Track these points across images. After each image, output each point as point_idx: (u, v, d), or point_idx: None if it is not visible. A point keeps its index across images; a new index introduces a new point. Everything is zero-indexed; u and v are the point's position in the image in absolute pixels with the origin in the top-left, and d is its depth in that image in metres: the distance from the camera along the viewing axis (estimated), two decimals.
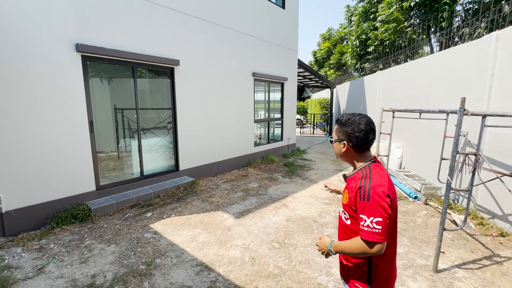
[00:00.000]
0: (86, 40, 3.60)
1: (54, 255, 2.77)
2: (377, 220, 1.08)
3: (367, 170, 1.21)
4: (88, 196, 3.81)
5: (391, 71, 7.03)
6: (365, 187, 1.13)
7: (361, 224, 1.11)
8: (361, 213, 1.12)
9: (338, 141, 1.29)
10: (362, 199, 1.13)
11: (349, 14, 15.60)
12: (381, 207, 1.09)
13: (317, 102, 16.48)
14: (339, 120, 1.29)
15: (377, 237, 1.08)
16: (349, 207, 1.23)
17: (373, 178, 1.16)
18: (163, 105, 4.96)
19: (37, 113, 3.26)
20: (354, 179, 1.24)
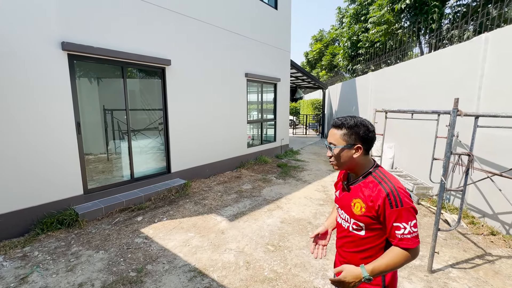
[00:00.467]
0: (72, 38, 3.47)
1: (39, 264, 2.63)
2: (414, 222, 1.04)
3: (380, 174, 1.14)
4: (76, 200, 3.66)
5: (382, 72, 7.10)
6: (394, 192, 1.05)
7: (400, 232, 1.03)
8: (396, 221, 1.03)
9: (348, 147, 1.14)
10: (395, 205, 1.04)
11: (340, 16, 15.78)
12: (413, 208, 1.05)
13: (310, 103, 16.56)
14: (344, 124, 1.15)
15: (418, 240, 1.05)
16: (366, 217, 1.12)
17: (392, 181, 1.10)
18: (154, 106, 4.85)
19: (20, 114, 3.11)
20: (366, 186, 1.14)
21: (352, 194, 1.20)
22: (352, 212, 1.18)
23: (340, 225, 1.28)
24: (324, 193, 4.92)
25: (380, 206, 1.06)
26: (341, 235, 1.29)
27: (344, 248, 1.27)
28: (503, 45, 3.38)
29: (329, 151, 1.21)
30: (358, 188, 1.17)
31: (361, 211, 1.13)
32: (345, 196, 1.24)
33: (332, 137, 1.18)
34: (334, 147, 1.17)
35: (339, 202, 1.30)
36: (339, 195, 1.31)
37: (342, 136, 1.15)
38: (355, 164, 1.18)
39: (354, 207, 1.17)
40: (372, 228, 1.13)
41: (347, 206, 1.21)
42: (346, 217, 1.22)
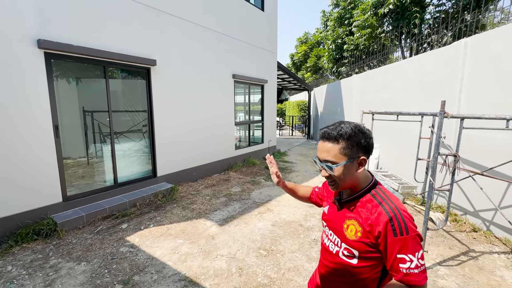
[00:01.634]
0: (50, 36, 3.25)
1: (12, 279, 2.42)
2: (421, 253, 0.87)
3: (381, 193, 0.96)
4: (54, 208, 3.42)
5: (366, 74, 7.28)
6: (398, 216, 0.87)
7: (405, 266, 0.85)
8: (400, 252, 0.85)
9: (351, 161, 0.93)
10: (400, 233, 0.86)
11: (324, 19, 16.08)
12: (419, 236, 0.88)
13: (295, 104, 16.73)
14: (342, 134, 0.93)
15: (426, 276, 0.86)
16: (362, 244, 0.93)
17: (394, 202, 0.93)
18: (138, 107, 4.66)
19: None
20: (363, 206, 0.96)
21: (345, 214, 1.01)
22: (345, 236, 0.98)
23: (327, 248, 1.07)
24: None
25: (382, 232, 0.88)
26: (326, 259, 1.08)
27: (329, 276, 1.08)
28: (482, 49, 3.55)
29: (326, 171, 0.97)
30: (353, 208, 0.99)
31: (356, 235, 0.95)
32: (336, 215, 1.05)
33: (328, 153, 0.95)
34: (334, 165, 0.93)
35: (328, 221, 1.09)
36: (328, 211, 1.11)
37: (342, 150, 0.93)
38: (357, 181, 0.99)
39: (348, 230, 0.98)
40: (367, 257, 0.95)
41: (338, 228, 1.02)
42: (337, 240, 1.02)
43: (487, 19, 6.52)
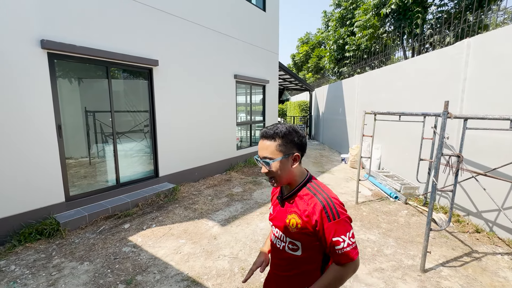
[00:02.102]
0: (53, 36, 3.27)
1: (16, 279, 2.43)
2: (352, 233, 0.98)
3: (315, 185, 1.07)
4: (56, 208, 3.44)
5: (368, 75, 7.27)
6: (330, 203, 0.99)
7: (339, 247, 0.95)
8: (335, 235, 0.96)
9: (286, 157, 1.03)
10: (332, 218, 0.96)
11: (326, 20, 16.07)
12: (348, 218, 1.01)
13: (296, 104, 16.72)
14: (277, 133, 1.03)
15: (358, 251, 0.99)
16: (303, 235, 1.02)
17: (327, 191, 1.04)
18: (141, 108, 4.67)
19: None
20: (301, 199, 1.05)
21: (286, 210, 1.09)
22: (288, 230, 1.06)
23: (275, 245, 1.15)
24: None
25: (318, 221, 0.97)
26: (275, 256, 1.16)
27: (279, 272, 1.14)
28: (484, 50, 3.54)
29: (265, 167, 1.05)
30: (293, 202, 1.08)
31: (297, 227, 1.03)
32: (280, 212, 1.13)
33: (266, 150, 1.04)
34: (271, 161, 1.03)
35: (274, 220, 1.17)
36: (273, 211, 1.19)
37: (278, 147, 1.03)
38: (293, 176, 1.08)
39: (290, 223, 1.05)
40: (309, 247, 1.04)
41: (282, 224, 1.10)
42: (281, 235, 1.10)
43: (489, 19, 6.51)
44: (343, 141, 9.12)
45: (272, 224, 1.17)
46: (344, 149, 8.93)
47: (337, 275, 0.99)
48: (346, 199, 4.69)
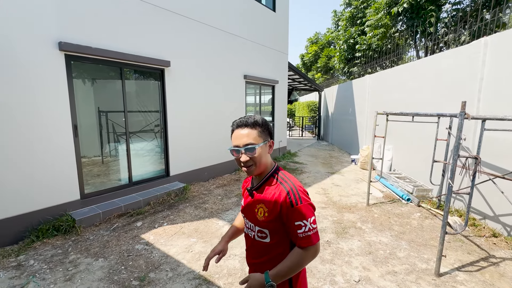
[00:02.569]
0: (70, 38, 3.36)
1: (35, 273, 2.51)
2: (313, 219, 1.04)
3: (281, 175, 1.14)
4: (72, 205, 3.53)
5: (380, 75, 7.16)
6: (293, 190, 1.05)
7: (301, 231, 1.01)
8: (296, 220, 1.01)
9: (265, 143, 1.10)
10: (295, 203, 1.03)
11: (336, 19, 15.92)
12: (311, 205, 1.07)
13: (305, 105, 16.63)
14: (257, 121, 1.11)
15: (318, 237, 1.05)
16: (270, 223, 1.08)
17: (292, 180, 1.10)
18: (152, 108, 4.75)
19: (14, 117, 2.98)
20: (269, 188, 1.11)
21: (256, 200, 1.14)
22: (257, 219, 1.12)
23: (247, 235, 1.21)
24: (325, 195, 4.89)
25: (283, 206, 1.04)
26: (248, 245, 1.23)
27: (252, 259, 1.20)
28: (502, 48, 3.43)
29: (246, 154, 1.07)
30: (262, 192, 1.13)
31: (265, 215, 1.09)
32: (250, 203, 1.17)
33: (249, 137, 1.08)
34: (256, 145, 1.07)
35: (245, 212, 1.21)
36: (244, 203, 1.23)
37: (259, 133, 1.09)
38: (266, 164, 1.14)
39: (258, 213, 1.11)
40: (277, 233, 1.10)
41: (252, 214, 1.14)
42: (251, 225, 1.15)
43: (507, 17, 6.29)
44: (353, 142, 9.01)
45: (244, 216, 1.22)
46: (354, 150, 8.82)
47: (298, 257, 1.03)
48: (357, 201, 4.64)
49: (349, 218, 3.90)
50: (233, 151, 1.10)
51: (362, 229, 3.56)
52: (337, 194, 4.97)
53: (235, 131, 1.11)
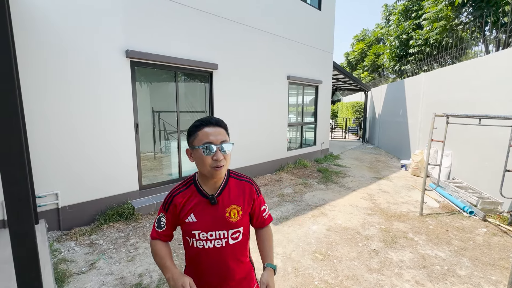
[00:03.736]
0: (135, 46, 3.78)
1: (104, 252, 2.90)
2: None
3: (235, 172, 1.19)
4: (132, 195, 3.97)
5: (438, 73, 6.49)
6: (253, 183, 1.19)
7: (265, 213, 1.21)
8: (261, 205, 1.20)
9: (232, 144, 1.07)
10: (258, 193, 1.19)
11: (387, 14, 14.84)
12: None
13: (349, 105, 15.88)
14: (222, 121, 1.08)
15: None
16: (244, 218, 1.11)
17: (246, 175, 1.21)
18: (200, 108, 5.06)
19: (90, 117, 3.47)
20: (233, 189, 1.12)
21: (222, 205, 1.08)
22: (230, 223, 1.07)
23: (212, 250, 1.07)
24: (371, 201, 4.63)
25: (255, 198, 1.16)
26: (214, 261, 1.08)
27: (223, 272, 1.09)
28: None
29: (222, 152, 1.01)
30: (227, 195, 1.10)
31: (239, 214, 1.09)
32: (213, 213, 1.07)
33: (222, 135, 1.04)
34: (231, 143, 1.05)
35: (205, 225, 1.06)
36: (199, 218, 1.06)
37: (227, 133, 1.08)
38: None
39: (231, 215, 1.08)
40: (247, 225, 1.15)
41: (220, 222, 1.07)
42: (220, 233, 1.07)
43: None
44: (403, 146, 8.32)
45: (202, 232, 1.06)
46: (404, 155, 8.15)
47: (270, 234, 1.26)
48: (408, 209, 4.29)
49: (399, 227, 3.64)
50: (205, 149, 0.99)
51: (414, 240, 3.28)
52: (385, 201, 4.66)
53: (205, 128, 1.02)
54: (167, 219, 1.11)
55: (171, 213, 1.10)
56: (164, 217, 1.12)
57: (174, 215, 1.10)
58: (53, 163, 3.22)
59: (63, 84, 3.23)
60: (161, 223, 1.12)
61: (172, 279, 1.00)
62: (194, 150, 1.03)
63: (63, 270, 2.52)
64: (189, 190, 1.10)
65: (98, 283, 2.40)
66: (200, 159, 1.02)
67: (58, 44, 3.17)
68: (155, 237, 1.14)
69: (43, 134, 3.13)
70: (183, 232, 1.11)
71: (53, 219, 3.28)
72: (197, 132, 1.03)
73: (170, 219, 1.11)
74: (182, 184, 1.13)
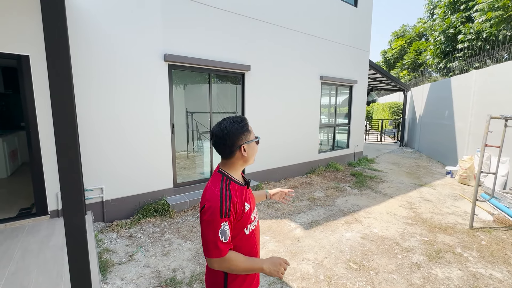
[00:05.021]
0: (172, 50, 3.96)
1: (141, 245, 3.07)
2: None
3: None
4: (167, 192, 4.16)
5: (493, 69, 5.81)
6: None
7: None
8: None
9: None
10: None
11: (431, 7, 13.70)
12: None
13: (386, 106, 14.97)
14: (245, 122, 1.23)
15: None
16: None
17: None
18: (231, 109, 5.13)
19: (132, 119, 3.71)
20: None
21: (250, 190, 1.31)
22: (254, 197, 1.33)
23: (257, 226, 1.28)
24: (412, 210, 4.28)
25: None
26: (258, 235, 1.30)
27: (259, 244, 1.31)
28: None
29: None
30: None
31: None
32: (250, 194, 1.26)
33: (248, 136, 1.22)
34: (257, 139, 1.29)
35: (253, 206, 1.25)
36: (249, 202, 1.20)
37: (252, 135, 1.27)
38: None
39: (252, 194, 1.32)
40: None
41: (253, 198, 1.31)
42: (256, 206, 1.32)
43: None
44: (449, 151, 7.59)
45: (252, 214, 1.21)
46: (449, 160, 7.43)
47: None
48: (455, 221, 3.89)
49: (444, 240, 3.31)
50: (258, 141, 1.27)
51: (463, 256, 2.96)
52: (428, 211, 4.28)
53: (250, 126, 1.24)
54: (230, 224, 1.07)
55: (232, 215, 1.08)
56: (227, 224, 1.05)
57: (234, 216, 1.09)
58: (99, 160, 3.50)
59: (108, 89, 3.50)
60: (227, 231, 1.04)
61: (269, 265, 1.10)
62: (251, 143, 1.20)
63: (106, 260, 2.72)
64: (233, 186, 1.13)
65: (137, 274, 2.54)
66: (254, 150, 1.22)
67: (107, 51, 3.44)
68: (225, 251, 1.04)
69: (91, 134, 3.42)
70: (242, 225, 1.14)
71: (98, 211, 3.56)
72: (249, 129, 1.21)
73: (232, 222, 1.09)
74: (224, 185, 1.11)
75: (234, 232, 1.11)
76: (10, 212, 3.31)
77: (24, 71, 2.96)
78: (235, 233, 1.11)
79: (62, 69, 1.13)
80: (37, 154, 3.09)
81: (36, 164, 3.10)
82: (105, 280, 2.44)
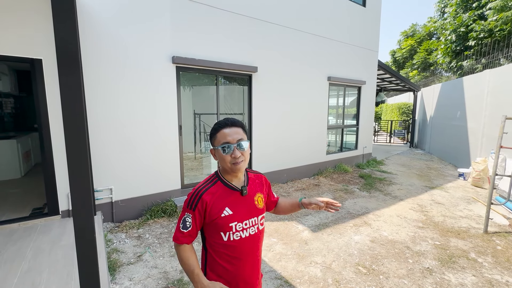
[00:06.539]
0: (180, 52, 4.00)
1: (149, 245, 3.09)
2: None
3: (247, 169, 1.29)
4: (175, 193, 4.18)
5: (508, 68, 5.64)
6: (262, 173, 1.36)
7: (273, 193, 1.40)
8: (271, 188, 1.38)
9: (249, 140, 1.19)
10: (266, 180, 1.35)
11: (441, 6, 13.42)
12: None
13: (395, 107, 14.72)
14: (240, 121, 1.18)
15: None
16: (264, 203, 1.27)
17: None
18: (239, 110, 5.14)
19: (141, 121, 3.76)
20: (253, 180, 1.26)
21: (250, 195, 1.20)
22: (258, 209, 1.20)
23: (248, 239, 1.15)
24: (423, 213, 4.18)
25: (268, 183, 1.35)
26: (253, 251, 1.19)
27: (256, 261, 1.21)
28: None
29: (239, 150, 1.11)
30: (251, 185, 1.23)
31: (263, 201, 1.26)
32: (244, 202, 1.17)
33: (239, 134, 1.13)
34: (247, 141, 1.15)
35: (239, 216, 1.13)
36: (233, 209, 1.13)
37: (244, 132, 1.17)
38: None
39: (258, 202, 1.21)
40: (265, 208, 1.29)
41: (251, 210, 1.18)
42: (255, 220, 1.18)
43: None
44: (461, 152, 7.40)
45: (238, 222, 1.13)
46: (461, 162, 7.24)
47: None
48: (468, 225, 3.77)
49: (457, 245, 3.21)
50: (223, 149, 1.10)
51: (477, 261, 2.86)
52: (439, 214, 4.17)
53: (222, 130, 1.13)
54: (193, 218, 1.11)
55: (198, 211, 1.11)
56: (190, 217, 1.11)
57: (201, 213, 1.11)
58: (109, 160, 3.56)
59: (118, 91, 3.55)
60: (187, 223, 1.11)
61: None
62: (218, 150, 1.13)
63: (115, 260, 2.75)
64: (216, 186, 1.15)
65: (145, 275, 2.56)
66: (221, 158, 1.12)
67: (117, 54, 3.49)
68: (180, 240, 1.11)
69: (101, 136, 3.47)
70: (216, 229, 1.12)
71: (107, 212, 3.61)
72: (215, 134, 1.14)
73: (197, 217, 1.11)
74: (206, 182, 1.17)
75: (208, 233, 1.15)
76: (24, 211, 3.39)
77: (37, 74, 3.03)
78: (209, 234, 1.15)
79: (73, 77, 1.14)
80: (49, 155, 3.16)
81: (48, 165, 3.17)
82: (114, 280, 2.46)
